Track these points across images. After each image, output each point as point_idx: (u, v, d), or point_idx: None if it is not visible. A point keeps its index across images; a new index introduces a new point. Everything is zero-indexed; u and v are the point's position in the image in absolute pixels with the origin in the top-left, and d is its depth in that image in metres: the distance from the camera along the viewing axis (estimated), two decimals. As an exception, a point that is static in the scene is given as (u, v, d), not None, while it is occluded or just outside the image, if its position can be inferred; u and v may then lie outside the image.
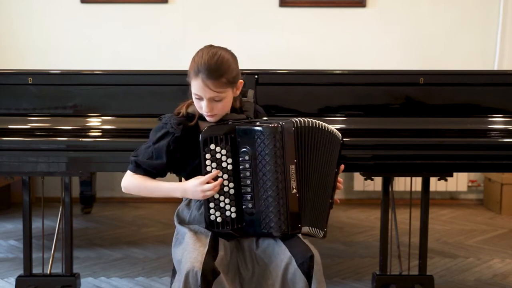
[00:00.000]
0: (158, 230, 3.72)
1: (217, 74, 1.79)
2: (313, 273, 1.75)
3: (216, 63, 1.80)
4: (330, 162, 1.92)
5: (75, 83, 2.49)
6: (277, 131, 1.77)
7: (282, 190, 1.79)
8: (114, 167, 2.38)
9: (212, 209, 1.83)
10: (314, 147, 1.87)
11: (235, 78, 1.85)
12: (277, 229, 1.81)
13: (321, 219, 1.94)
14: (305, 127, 1.85)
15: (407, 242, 2.65)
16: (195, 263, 1.71)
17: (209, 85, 1.80)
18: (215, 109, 1.83)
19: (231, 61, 1.84)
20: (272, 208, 1.79)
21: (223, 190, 1.82)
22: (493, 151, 2.37)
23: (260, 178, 1.79)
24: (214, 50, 1.84)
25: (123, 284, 2.82)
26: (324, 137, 1.89)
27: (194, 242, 1.80)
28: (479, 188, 4.67)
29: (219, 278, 1.73)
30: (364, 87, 2.49)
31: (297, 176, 1.82)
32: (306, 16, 4.47)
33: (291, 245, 1.81)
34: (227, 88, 1.83)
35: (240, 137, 1.80)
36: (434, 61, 4.39)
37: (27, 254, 2.53)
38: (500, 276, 2.96)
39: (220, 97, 1.82)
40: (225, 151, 1.79)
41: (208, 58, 1.81)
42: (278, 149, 1.78)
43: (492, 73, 3.31)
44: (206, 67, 1.80)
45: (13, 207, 4.36)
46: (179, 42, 4.46)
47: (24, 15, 4.46)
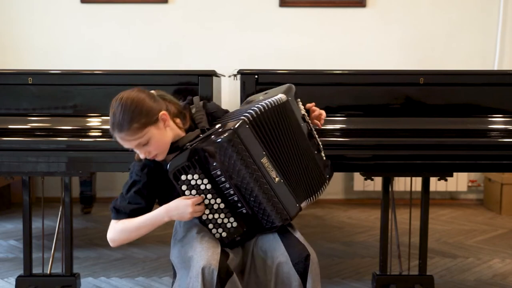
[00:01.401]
0: (158, 230, 3.67)
1: (126, 125, 1.76)
2: (308, 273, 1.76)
3: (120, 114, 1.77)
4: (295, 127, 1.91)
5: (75, 83, 2.49)
6: (233, 137, 1.76)
7: (265, 185, 1.81)
8: (114, 167, 2.38)
9: (213, 228, 1.86)
10: (274, 129, 1.85)
11: (148, 116, 1.79)
12: (278, 220, 1.85)
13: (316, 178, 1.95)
14: (257, 117, 1.82)
15: (407, 242, 2.65)
16: (211, 261, 1.72)
17: (124, 138, 1.79)
18: (151, 152, 1.82)
19: (136, 102, 1.78)
20: (265, 205, 1.82)
21: (214, 208, 1.83)
22: (493, 151, 2.37)
23: (240, 184, 1.80)
24: (117, 101, 1.80)
25: (123, 284, 2.82)
26: (276, 113, 1.87)
27: (207, 241, 1.80)
28: (479, 188, 4.67)
29: (232, 278, 1.75)
30: (364, 87, 2.49)
31: (274, 163, 1.83)
32: (306, 16, 4.47)
33: (288, 244, 1.82)
34: (145, 129, 1.78)
35: (204, 155, 1.78)
36: (434, 61, 4.39)
37: (27, 254, 2.53)
38: (500, 276, 2.96)
39: (145, 141, 1.79)
40: (197, 175, 1.79)
41: (113, 114, 1.79)
42: (243, 152, 1.77)
43: (492, 73, 3.31)
44: (113, 123, 1.78)
45: (13, 207, 4.36)
46: (179, 42, 4.46)
47: (24, 15, 4.46)
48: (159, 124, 1.82)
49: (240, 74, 2.43)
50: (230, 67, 3.23)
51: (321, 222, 4.03)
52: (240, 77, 2.44)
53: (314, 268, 1.78)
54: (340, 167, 2.38)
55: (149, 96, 1.84)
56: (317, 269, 1.79)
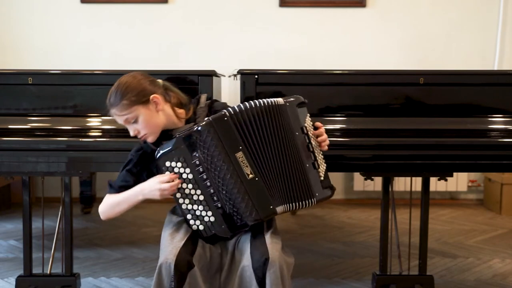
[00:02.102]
0: (158, 230, 3.70)
1: (116, 100, 1.91)
2: (266, 277, 1.73)
3: (114, 91, 1.92)
4: (285, 132, 1.90)
5: (75, 83, 2.49)
6: (210, 126, 1.82)
7: (237, 180, 1.82)
8: (114, 167, 2.38)
9: (191, 219, 1.88)
10: (259, 127, 1.86)
11: (139, 95, 1.90)
12: (250, 219, 1.83)
13: (301, 189, 1.91)
14: (241, 111, 1.85)
15: (407, 242, 2.65)
16: (169, 255, 1.75)
17: (115, 113, 1.93)
18: (140, 131, 1.93)
19: (130, 82, 1.92)
20: (236, 200, 1.82)
21: (193, 199, 1.86)
22: (493, 151, 2.37)
23: (214, 176, 1.83)
24: (116, 82, 1.95)
25: (123, 284, 2.82)
26: (267, 113, 1.88)
27: (172, 238, 1.85)
28: (479, 188, 4.67)
29: (193, 271, 1.75)
30: (364, 87, 2.49)
31: (250, 160, 1.84)
32: (306, 16, 4.47)
33: (254, 245, 1.81)
34: (133, 107, 1.90)
35: (188, 145, 1.84)
36: (434, 61, 4.39)
37: (27, 254, 2.53)
38: (500, 276, 2.96)
39: (133, 117, 1.91)
40: (180, 163, 1.85)
41: (110, 91, 1.94)
42: (218, 143, 1.81)
43: (492, 73, 3.31)
44: (108, 99, 1.94)
45: (13, 207, 4.37)
46: (179, 42, 4.46)
47: (24, 15, 4.46)
48: (149, 106, 1.92)
49: (240, 74, 2.43)
50: (230, 67, 3.23)
51: (321, 222, 4.03)
52: (240, 77, 2.44)
53: (274, 271, 1.73)
54: (340, 167, 2.38)
55: (147, 79, 1.96)
56: (277, 272, 1.73)
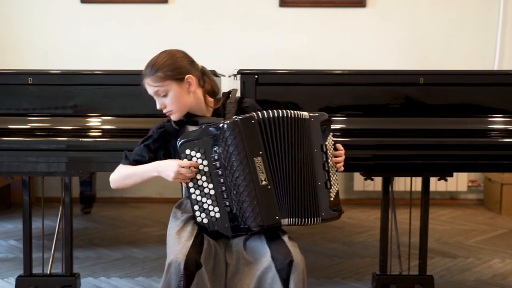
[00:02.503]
0: (158, 230, 3.72)
1: (152, 70, 1.92)
2: (290, 280, 1.73)
3: (152, 62, 1.94)
4: (305, 147, 1.90)
5: (75, 83, 2.49)
6: (236, 125, 1.82)
7: (250, 183, 1.82)
8: (114, 167, 2.36)
9: (198, 211, 1.88)
10: (283, 137, 1.87)
11: (175, 72, 1.93)
12: (254, 224, 1.83)
13: (308, 206, 1.90)
14: (269, 117, 1.86)
15: (407, 242, 2.65)
16: (178, 254, 1.74)
17: (148, 82, 1.94)
18: (167, 105, 1.95)
19: (170, 57, 1.95)
20: (244, 203, 1.82)
21: (204, 192, 1.87)
22: (493, 151, 2.37)
23: (229, 175, 1.83)
24: (157, 54, 1.97)
25: (123, 284, 2.82)
26: (292, 123, 1.89)
27: (179, 236, 1.84)
28: (479, 188, 4.67)
29: (201, 271, 1.75)
30: (364, 87, 2.49)
31: (267, 167, 1.84)
32: (306, 16, 4.47)
33: (274, 248, 1.80)
34: (167, 81, 1.92)
35: (211, 138, 1.85)
36: (434, 61, 4.39)
37: (27, 254, 2.53)
38: (500, 276, 2.96)
39: (164, 91, 1.93)
40: (199, 154, 1.86)
41: (149, 61, 1.96)
42: (240, 143, 1.82)
43: (492, 73, 3.31)
44: (145, 68, 1.96)
45: (13, 207, 4.36)
46: (179, 42, 4.43)
47: (24, 15, 4.46)
48: (182, 84, 1.94)
49: (240, 74, 2.43)
50: (230, 67, 3.23)
51: (321, 222, 4.03)
52: (240, 77, 2.44)
53: (298, 274, 1.73)
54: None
55: (187, 58, 1.99)
56: (300, 275, 1.74)
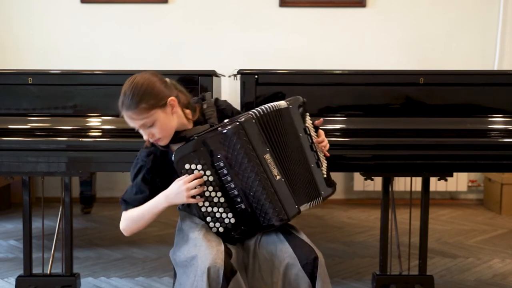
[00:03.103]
0: (158, 230, 3.72)
1: (134, 103, 1.81)
2: (317, 275, 1.78)
3: (130, 93, 1.82)
4: (293, 133, 1.94)
5: (75, 83, 2.49)
6: (239, 129, 1.82)
7: (266, 181, 1.83)
8: (114, 167, 2.38)
9: (211, 222, 1.86)
10: (278, 129, 1.91)
11: (157, 99, 1.83)
12: (276, 219, 1.84)
13: (310, 189, 1.95)
14: (263, 114, 1.88)
15: (407, 242, 2.65)
16: (217, 260, 1.72)
17: (131, 116, 1.84)
18: (155, 134, 1.86)
19: (147, 84, 1.84)
20: (264, 201, 1.83)
21: (214, 201, 1.85)
22: (493, 151, 2.37)
23: (241, 178, 1.82)
24: (130, 81, 1.86)
25: (123, 284, 2.82)
26: (278, 116, 1.92)
27: (209, 239, 1.80)
28: (479, 188, 4.67)
29: (236, 276, 1.75)
30: (364, 87, 2.49)
31: (277, 161, 1.87)
32: (306, 16, 4.47)
33: (295, 245, 1.82)
34: (152, 111, 1.82)
35: (209, 147, 1.82)
36: (434, 61, 4.39)
37: (27, 254, 2.52)
38: (500, 276, 2.96)
39: (151, 122, 1.84)
40: (200, 166, 1.83)
41: (124, 92, 1.84)
42: (247, 145, 1.82)
43: (492, 73, 3.31)
44: (123, 101, 1.84)
45: (13, 207, 4.37)
46: (179, 42, 4.46)
47: (24, 15, 4.46)
48: (166, 109, 1.86)
49: (240, 74, 2.43)
50: (230, 67, 3.23)
51: (321, 222, 4.03)
52: (240, 77, 2.44)
53: (323, 269, 1.80)
54: (340, 167, 2.38)
55: (161, 80, 1.89)
56: (325, 271, 1.81)
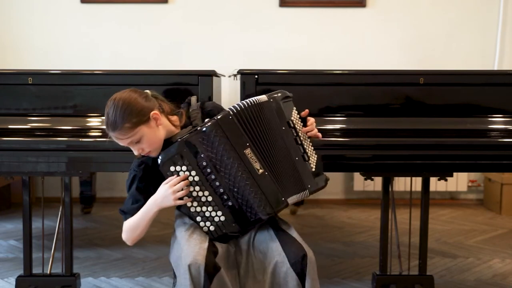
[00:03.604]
0: (158, 230, 3.71)
1: (118, 125, 1.84)
2: (306, 272, 1.77)
3: (113, 114, 1.84)
4: (276, 127, 1.93)
5: (75, 83, 2.49)
6: (215, 126, 1.84)
7: (248, 176, 1.85)
8: (114, 167, 2.38)
9: (201, 221, 1.88)
10: (259, 123, 1.90)
11: (139, 116, 1.85)
12: (262, 213, 1.86)
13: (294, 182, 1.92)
14: (241, 109, 1.89)
15: (407, 242, 2.65)
16: (197, 256, 1.74)
17: (117, 137, 1.87)
18: (144, 149, 1.89)
19: (127, 103, 1.85)
20: (248, 196, 1.85)
21: (202, 201, 1.87)
22: (493, 151, 2.37)
23: (224, 174, 1.85)
24: (110, 103, 1.88)
25: (123, 284, 2.82)
26: (259, 110, 1.92)
27: (193, 237, 1.83)
28: (479, 188, 4.67)
29: (220, 273, 1.76)
30: (364, 87, 2.49)
31: (258, 156, 1.87)
32: (306, 16, 4.47)
33: (285, 243, 1.83)
34: (136, 129, 1.85)
35: (191, 147, 1.85)
36: (434, 61, 4.39)
37: (27, 254, 2.53)
38: (500, 276, 2.96)
39: (137, 139, 1.87)
40: (185, 167, 1.85)
41: (106, 113, 1.87)
42: (226, 142, 1.84)
43: (492, 73, 3.31)
44: (107, 123, 1.87)
45: (13, 207, 4.36)
46: (179, 42, 4.46)
47: (24, 15, 4.46)
48: (150, 123, 1.88)
49: (240, 74, 2.43)
50: (230, 67, 3.23)
51: (321, 222, 4.03)
52: (240, 77, 2.44)
53: (312, 267, 1.78)
54: (340, 167, 2.38)
55: (141, 95, 1.90)
56: (314, 269, 1.79)
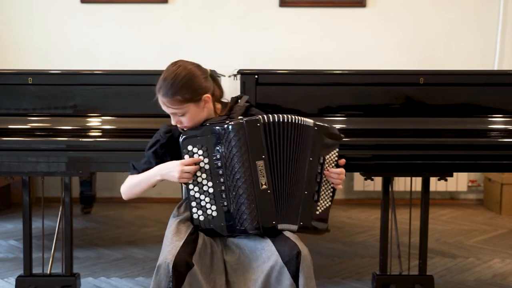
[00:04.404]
0: (158, 230, 3.71)
1: (171, 92, 1.86)
2: (300, 271, 1.74)
3: (171, 80, 1.86)
4: (303, 154, 1.89)
5: (75, 83, 2.49)
6: (241, 127, 1.82)
7: (250, 186, 1.82)
8: (114, 167, 2.39)
9: (195, 207, 1.88)
10: (285, 142, 1.87)
11: (194, 94, 1.87)
12: (249, 226, 1.83)
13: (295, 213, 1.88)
14: (274, 122, 1.86)
15: (407, 242, 2.65)
16: (167, 255, 1.75)
17: (165, 103, 1.89)
18: (183, 123, 1.91)
19: (189, 77, 1.87)
20: (242, 205, 1.83)
21: (203, 189, 1.87)
22: (493, 151, 2.37)
23: (230, 175, 1.83)
24: (174, 67, 1.90)
25: (123, 284, 2.82)
26: (295, 130, 1.88)
27: (172, 237, 1.85)
28: (479, 188, 4.67)
29: (192, 271, 1.75)
30: (364, 87, 2.49)
31: (268, 171, 1.84)
32: (306, 16, 4.47)
33: (278, 242, 1.81)
34: (185, 104, 1.87)
35: (214, 137, 1.85)
36: (434, 61, 4.39)
37: (27, 254, 2.53)
38: (500, 276, 2.96)
39: (182, 113, 1.89)
40: (201, 151, 1.85)
41: (165, 76, 1.88)
42: (243, 146, 1.81)
43: (492, 73, 3.31)
44: (161, 86, 1.88)
45: (13, 207, 4.36)
46: (179, 42, 4.46)
47: (24, 15, 4.46)
48: (200, 103, 1.90)
49: (240, 74, 2.43)
50: (230, 67, 3.23)
51: (321, 222, 4.03)
52: (240, 77, 2.44)
53: (306, 265, 1.75)
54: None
55: (203, 74, 1.93)
56: (309, 266, 1.76)
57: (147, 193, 4.83)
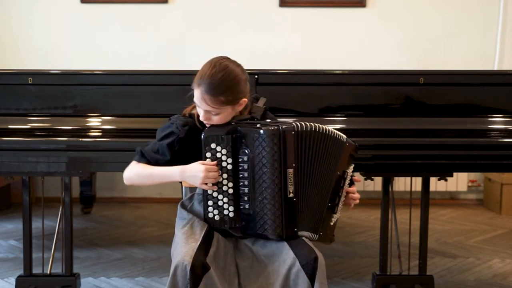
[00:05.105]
0: (158, 230, 3.72)
1: (216, 92, 1.80)
2: (316, 275, 1.74)
3: (219, 80, 1.80)
4: (331, 167, 1.88)
5: (75, 83, 2.49)
6: (277, 134, 1.78)
7: (278, 193, 1.79)
8: (114, 167, 2.38)
9: (211, 207, 1.84)
10: (314, 152, 1.85)
11: (236, 97, 1.83)
12: (272, 232, 1.81)
13: (319, 222, 1.89)
14: (306, 131, 1.83)
15: (407, 242, 2.65)
16: (185, 257, 1.71)
17: (206, 100, 1.81)
18: (213, 120, 1.85)
19: (236, 80, 1.83)
20: (268, 211, 1.80)
21: (222, 189, 1.83)
22: (493, 151, 2.37)
23: (257, 180, 1.80)
24: (223, 65, 1.84)
25: (123, 284, 2.82)
26: (327, 141, 1.86)
27: (186, 238, 1.81)
28: (479, 188, 4.67)
29: (209, 273, 1.72)
30: (364, 87, 2.49)
31: (296, 180, 1.82)
32: (306, 16, 4.47)
33: (295, 246, 1.80)
34: (225, 106, 1.82)
35: (241, 137, 1.81)
36: (434, 61, 4.39)
37: (27, 254, 2.53)
38: (500, 276, 2.96)
39: (217, 112, 1.82)
40: (225, 150, 1.81)
41: (213, 73, 1.81)
42: (276, 153, 1.78)
43: (492, 73, 3.31)
44: (208, 82, 1.81)
45: (13, 207, 4.36)
46: (179, 42, 4.46)
47: (24, 15, 4.46)
48: (236, 106, 1.86)
49: (240, 74, 2.42)
50: (230, 67, 3.23)
51: (321, 222, 4.03)
52: (240, 77, 2.43)
53: (322, 270, 1.75)
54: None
55: (246, 79, 1.88)
56: (324, 273, 1.76)
57: (147, 193, 4.85)
